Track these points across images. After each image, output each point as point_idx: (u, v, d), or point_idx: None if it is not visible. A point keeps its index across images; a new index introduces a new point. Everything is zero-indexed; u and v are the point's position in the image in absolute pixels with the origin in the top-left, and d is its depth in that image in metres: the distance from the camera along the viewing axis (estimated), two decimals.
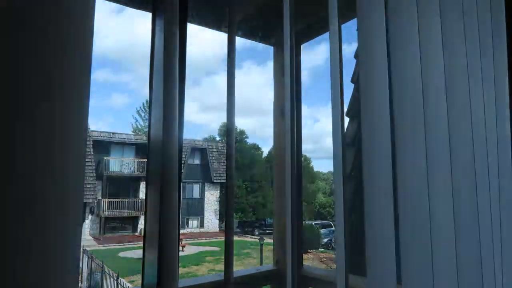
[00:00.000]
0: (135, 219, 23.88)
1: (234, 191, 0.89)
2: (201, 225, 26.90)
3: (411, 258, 0.95)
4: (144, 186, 1.18)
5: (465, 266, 1.06)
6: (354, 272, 1.42)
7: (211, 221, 27.29)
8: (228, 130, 0.89)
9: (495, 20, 1.36)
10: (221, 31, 1.81)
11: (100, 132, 24.18)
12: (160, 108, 0.72)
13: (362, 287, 1.44)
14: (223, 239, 0.86)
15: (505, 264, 1.24)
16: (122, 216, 23.25)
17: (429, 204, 0.99)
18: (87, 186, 20.51)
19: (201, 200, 27.14)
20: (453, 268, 1.04)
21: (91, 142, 21.81)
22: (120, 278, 11.01)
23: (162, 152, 0.71)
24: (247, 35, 1.99)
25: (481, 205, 1.16)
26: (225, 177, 0.87)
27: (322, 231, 22.55)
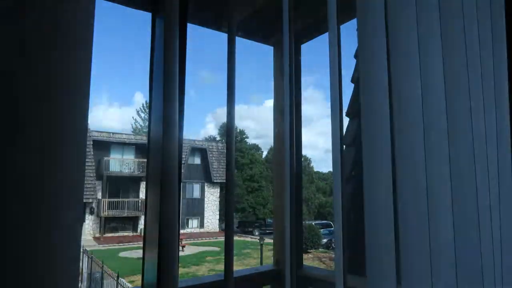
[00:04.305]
0: (135, 219, 23.88)
1: (234, 191, 0.89)
2: (201, 225, 26.89)
3: (411, 258, 0.95)
4: (144, 186, 1.18)
5: (464, 267, 1.06)
6: (353, 272, 1.42)
7: (211, 221, 27.28)
8: (228, 130, 0.89)
9: (495, 20, 1.36)
10: (221, 31, 1.81)
11: (100, 132, 24.19)
12: (160, 108, 0.73)
13: (362, 287, 1.44)
14: (223, 239, 0.86)
15: (505, 265, 1.24)
16: (122, 216, 23.24)
17: (428, 204, 0.99)
18: (87, 186, 20.51)
19: (201, 200, 27.13)
20: (452, 268, 1.04)
21: (91, 142, 21.81)
22: (120, 278, 11.01)
23: (162, 152, 0.71)
24: (247, 35, 1.99)
25: (481, 205, 1.16)
26: (225, 177, 0.87)
27: (322, 231, 22.54)
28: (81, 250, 12.75)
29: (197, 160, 27.18)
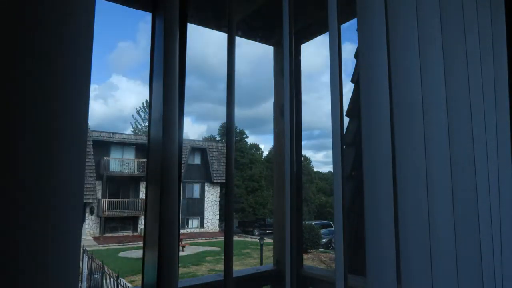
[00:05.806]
0: (135, 219, 23.87)
1: (234, 191, 0.89)
2: (201, 225, 26.88)
3: (411, 258, 0.95)
4: (144, 186, 1.18)
5: (464, 266, 1.06)
6: (354, 272, 1.42)
7: (211, 221, 27.27)
8: (227, 130, 0.89)
9: (495, 20, 1.36)
10: (221, 31, 1.81)
11: (100, 132, 24.19)
12: (160, 108, 0.73)
13: (362, 287, 1.44)
14: (223, 239, 0.86)
15: (504, 264, 1.24)
16: (122, 216, 23.22)
17: (428, 204, 0.99)
18: (87, 186, 20.50)
19: (201, 200, 27.12)
20: (452, 268, 1.04)
21: (91, 142, 21.81)
22: (120, 278, 11.01)
23: (162, 152, 0.71)
24: (247, 35, 1.99)
25: (481, 205, 1.16)
26: (225, 177, 0.87)
27: (322, 231, 22.52)
28: (81, 250, 12.74)
29: (197, 160, 27.17)
